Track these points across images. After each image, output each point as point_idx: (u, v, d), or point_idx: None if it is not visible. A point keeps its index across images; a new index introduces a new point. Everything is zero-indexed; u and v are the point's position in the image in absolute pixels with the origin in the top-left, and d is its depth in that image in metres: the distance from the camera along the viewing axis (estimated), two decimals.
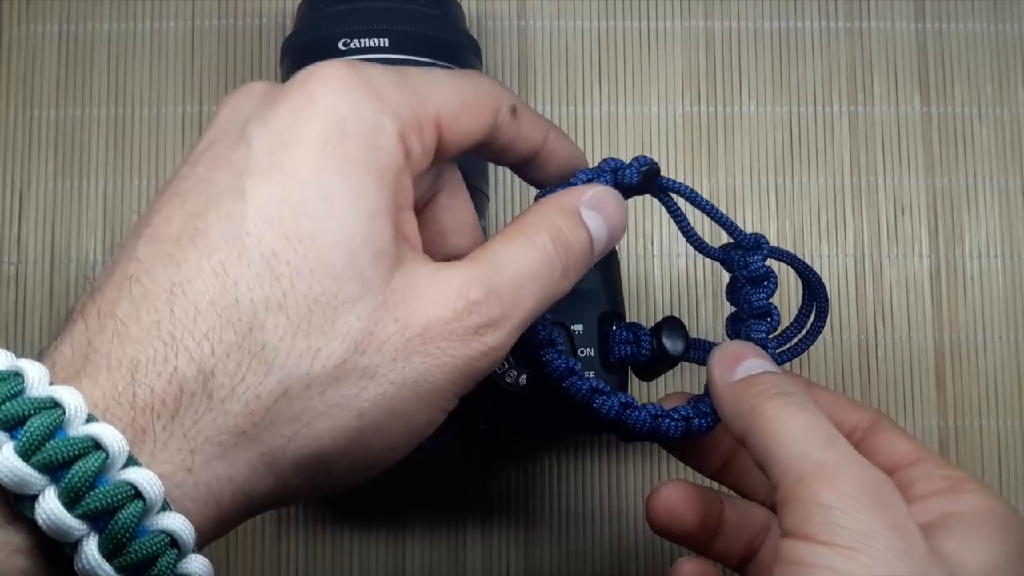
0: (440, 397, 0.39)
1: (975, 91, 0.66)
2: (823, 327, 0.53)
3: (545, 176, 0.47)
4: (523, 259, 0.40)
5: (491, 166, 0.63)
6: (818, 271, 0.63)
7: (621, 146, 0.65)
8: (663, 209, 0.63)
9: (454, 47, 0.56)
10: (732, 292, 0.51)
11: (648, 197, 0.64)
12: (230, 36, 0.66)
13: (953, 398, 0.64)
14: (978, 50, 0.67)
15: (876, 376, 0.64)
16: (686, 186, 0.50)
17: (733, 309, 0.51)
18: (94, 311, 0.35)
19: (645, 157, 0.47)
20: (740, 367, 0.45)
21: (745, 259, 0.50)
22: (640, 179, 0.47)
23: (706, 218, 0.51)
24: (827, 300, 0.52)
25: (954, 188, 0.65)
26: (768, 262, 0.50)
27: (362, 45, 0.54)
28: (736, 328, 0.50)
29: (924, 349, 0.64)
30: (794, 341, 0.53)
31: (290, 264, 0.36)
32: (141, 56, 0.65)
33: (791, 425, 0.41)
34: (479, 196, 0.56)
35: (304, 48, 0.55)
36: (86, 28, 0.66)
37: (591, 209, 0.43)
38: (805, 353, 0.56)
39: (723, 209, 0.64)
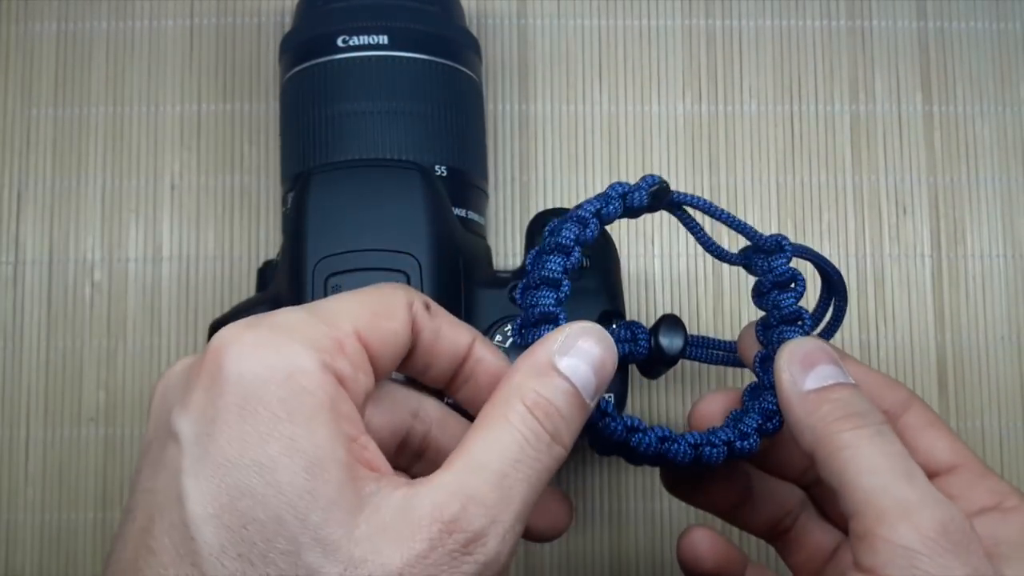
0: None
1: (977, 90, 0.66)
2: (841, 323, 0.52)
3: (477, 393, 0.44)
4: (500, 446, 0.37)
5: (491, 165, 0.63)
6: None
7: (621, 145, 0.65)
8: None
9: (454, 44, 0.56)
10: (759, 297, 0.49)
11: None
12: (228, 35, 0.66)
13: (955, 398, 0.64)
14: (980, 49, 0.67)
15: None
16: (699, 198, 0.48)
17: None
18: None
19: (653, 176, 0.46)
20: (812, 374, 0.43)
21: (768, 263, 0.48)
22: (650, 200, 0.46)
23: (717, 223, 0.50)
24: (847, 296, 0.52)
25: (956, 187, 0.65)
26: (792, 262, 0.48)
27: (361, 42, 0.54)
28: (768, 335, 0.49)
29: (926, 349, 0.64)
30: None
31: (241, 555, 0.34)
32: (139, 55, 0.65)
33: (868, 453, 0.40)
34: (479, 195, 0.56)
35: (303, 45, 0.55)
36: (84, 27, 0.65)
37: (568, 356, 0.40)
38: None
39: (723, 208, 0.64)
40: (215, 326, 0.51)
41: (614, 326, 0.51)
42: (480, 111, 0.58)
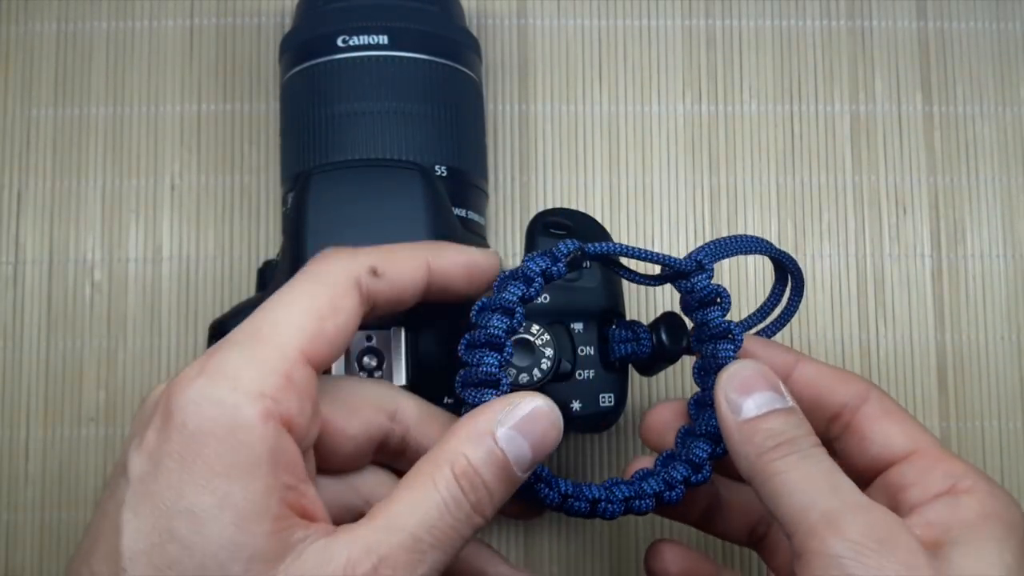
0: None
1: (977, 90, 0.66)
2: (794, 315, 0.52)
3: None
4: (420, 509, 0.39)
5: (491, 165, 0.63)
6: (820, 271, 0.63)
7: (621, 145, 0.65)
8: (662, 208, 0.63)
9: (454, 44, 0.56)
10: (688, 313, 0.50)
11: (644, 195, 0.64)
12: (228, 35, 0.66)
13: (955, 398, 0.64)
14: (980, 49, 0.67)
15: (877, 376, 0.63)
16: (610, 245, 0.47)
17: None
18: None
19: (563, 244, 0.46)
20: (748, 401, 0.44)
21: (691, 283, 0.48)
22: (568, 268, 0.46)
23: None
24: (801, 276, 0.52)
25: (956, 187, 0.65)
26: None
27: (361, 42, 0.54)
28: (701, 348, 0.49)
29: (926, 349, 0.64)
30: (768, 320, 0.52)
31: None
32: (139, 55, 0.65)
33: (796, 477, 0.42)
34: (478, 194, 0.56)
35: (303, 45, 0.55)
36: (84, 27, 0.65)
37: (507, 428, 0.41)
38: (806, 352, 0.56)
39: (723, 208, 0.64)
40: (215, 326, 0.51)
41: (615, 326, 0.51)
42: (480, 111, 0.58)
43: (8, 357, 0.63)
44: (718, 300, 0.48)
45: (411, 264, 0.44)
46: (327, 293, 0.41)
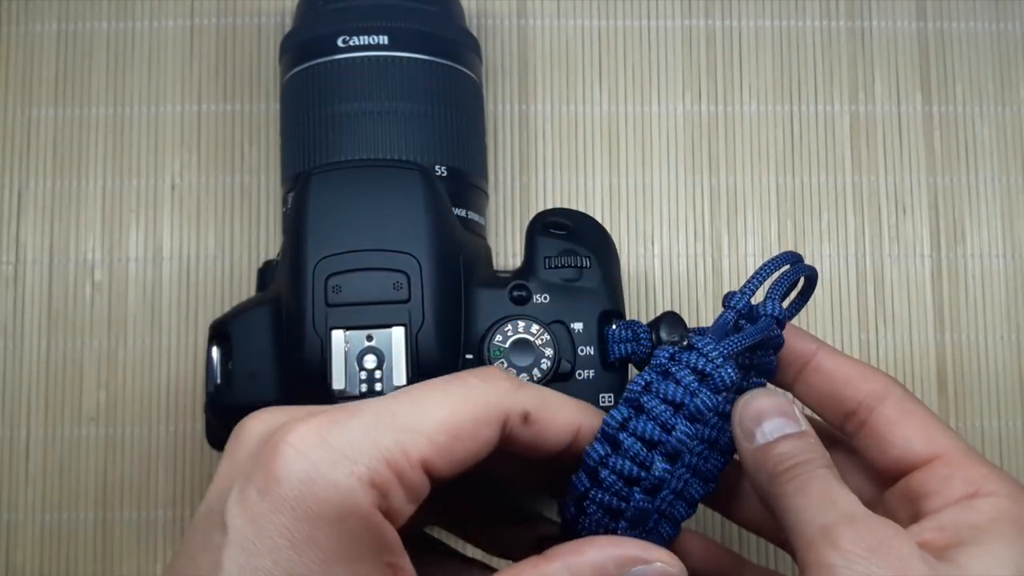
0: None
1: (977, 90, 0.66)
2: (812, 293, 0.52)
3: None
4: None
5: (491, 165, 0.63)
6: (819, 271, 0.63)
7: (621, 145, 0.65)
8: (662, 208, 0.63)
9: (454, 44, 0.56)
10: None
11: (644, 195, 0.65)
12: (229, 35, 0.66)
13: (954, 398, 0.64)
14: (980, 49, 0.67)
15: None
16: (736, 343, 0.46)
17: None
18: None
19: (725, 372, 0.44)
20: (759, 430, 0.44)
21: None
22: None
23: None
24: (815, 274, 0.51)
25: (956, 187, 0.65)
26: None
27: (361, 42, 0.54)
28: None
29: (925, 349, 0.64)
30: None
31: None
32: (140, 55, 0.65)
33: (798, 495, 0.42)
34: (478, 194, 0.56)
35: (303, 46, 0.55)
36: (84, 27, 0.65)
37: None
38: None
39: (723, 209, 0.64)
40: (216, 326, 0.51)
41: (615, 326, 0.51)
42: (480, 111, 0.58)
43: (8, 357, 0.63)
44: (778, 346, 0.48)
45: (564, 424, 0.43)
46: (473, 415, 0.40)
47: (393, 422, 0.38)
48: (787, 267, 0.48)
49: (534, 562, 0.40)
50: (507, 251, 0.64)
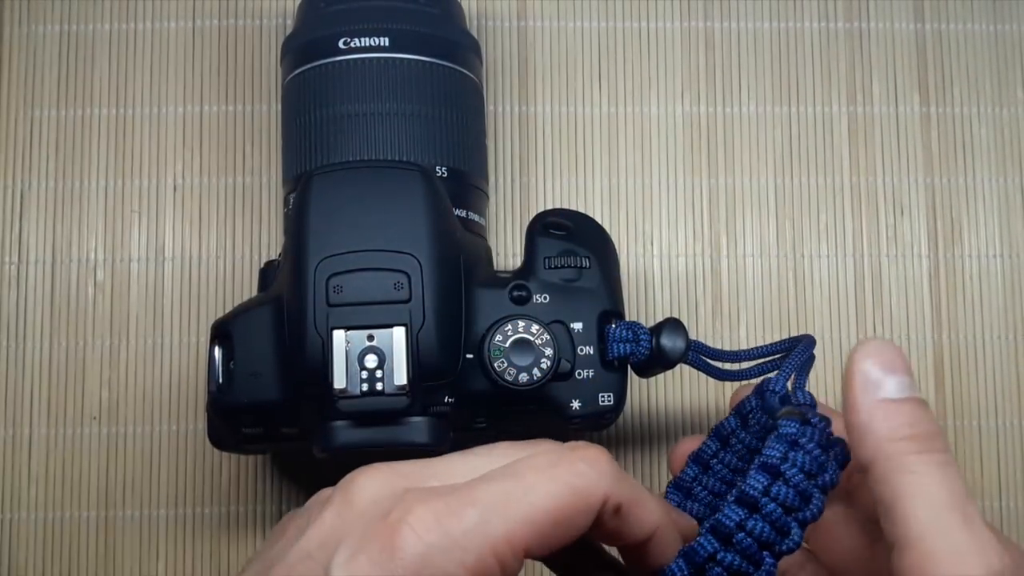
0: None
1: (974, 91, 0.66)
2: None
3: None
4: None
5: (491, 166, 0.63)
6: (817, 271, 0.64)
7: (621, 146, 0.65)
8: (661, 209, 0.64)
9: (454, 46, 0.56)
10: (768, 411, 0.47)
11: (643, 196, 0.65)
12: (231, 36, 0.66)
13: (952, 398, 0.64)
14: (977, 50, 0.67)
15: None
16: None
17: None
18: None
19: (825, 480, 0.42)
20: (889, 381, 0.41)
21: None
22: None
23: None
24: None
25: (953, 188, 0.66)
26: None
27: (362, 44, 0.54)
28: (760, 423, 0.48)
29: (923, 349, 0.64)
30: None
31: None
32: (142, 56, 0.66)
33: (930, 484, 0.39)
34: (479, 195, 0.56)
35: (304, 47, 0.56)
36: (87, 28, 0.66)
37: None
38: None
39: (722, 209, 0.65)
40: (217, 326, 0.52)
41: (614, 326, 0.52)
42: (480, 112, 0.58)
43: (11, 356, 0.63)
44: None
45: (649, 523, 0.42)
46: (576, 505, 0.39)
47: (505, 513, 0.38)
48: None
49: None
50: (507, 251, 0.64)
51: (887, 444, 0.40)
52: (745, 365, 0.53)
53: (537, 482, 0.39)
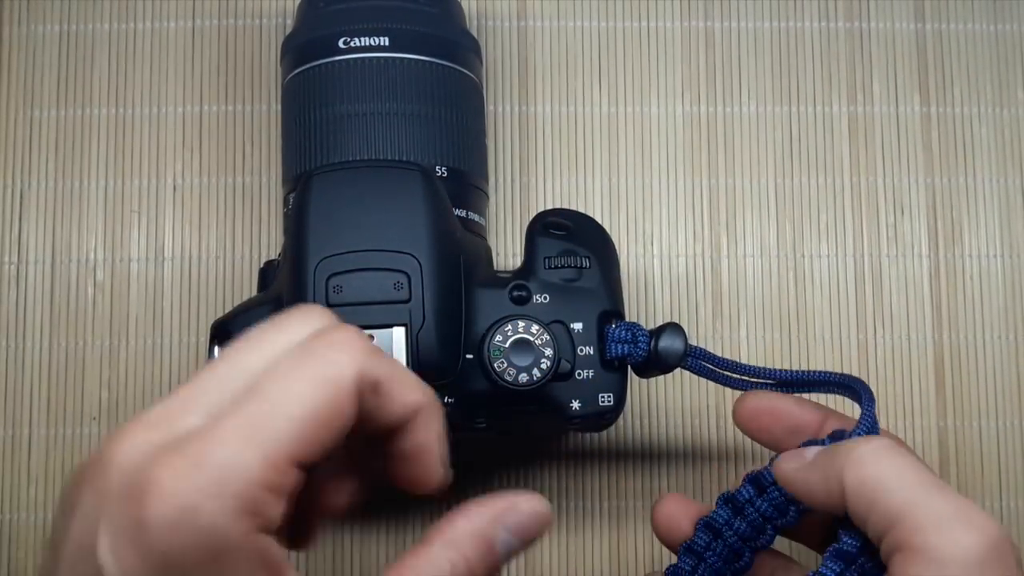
0: None
1: (975, 91, 0.66)
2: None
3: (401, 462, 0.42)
4: None
5: (491, 166, 0.63)
6: (817, 271, 0.63)
7: (621, 146, 0.65)
8: (661, 209, 0.64)
9: (454, 46, 0.56)
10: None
11: (643, 196, 0.65)
12: (231, 36, 0.66)
13: (952, 398, 0.64)
14: (978, 50, 0.67)
15: (875, 377, 0.64)
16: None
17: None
18: None
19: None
20: (807, 452, 0.46)
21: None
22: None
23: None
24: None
25: (953, 188, 0.65)
26: None
27: (362, 43, 0.54)
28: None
29: (923, 349, 0.64)
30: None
31: None
32: (142, 56, 0.66)
33: (891, 467, 0.42)
34: (479, 195, 0.56)
35: (304, 47, 0.56)
36: (87, 28, 0.66)
37: (510, 534, 0.40)
38: (804, 355, 0.57)
39: (722, 209, 0.65)
40: (217, 326, 0.52)
41: (614, 326, 0.52)
42: (480, 112, 0.58)
43: (11, 356, 0.63)
44: None
45: (411, 402, 0.40)
46: (335, 395, 0.37)
47: (257, 440, 0.35)
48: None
49: (415, 551, 0.39)
50: (507, 251, 0.64)
51: (839, 468, 0.43)
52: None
53: (284, 392, 0.36)
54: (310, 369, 0.37)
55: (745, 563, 0.50)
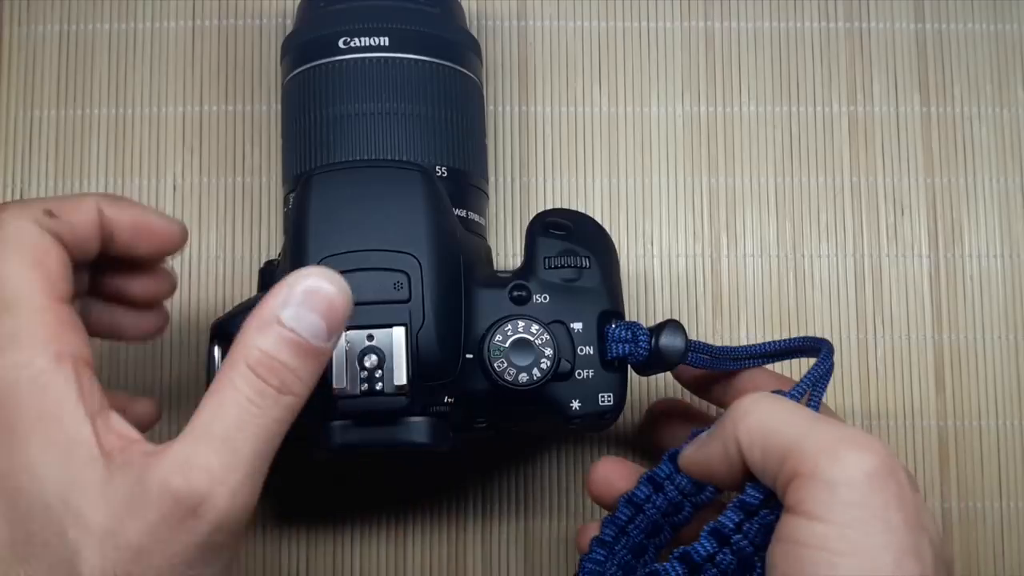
0: None
1: (974, 91, 0.66)
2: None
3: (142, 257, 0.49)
4: (224, 411, 0.40)
5: (491, 166, 0.63)
6: (817, 271, 0.64)
7: (621, 147, 0.65)
8: (661, 209, 0.64)
9: (454, 46, 0.56)
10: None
11: (643, 196, 0.65)
12: (230, 36, 0.66)
13: (952, 398, 0.64)
14: (977, 50, 0.67)
15: (875, 376, 0.64)
16: None
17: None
18: None
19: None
20: (702, 434, 0.48)
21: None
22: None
23: None
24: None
25: (953, 188, 0.65)
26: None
27: (362, 43, 0.54)
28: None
29: (923, 349, 0.64)
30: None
31: (22, 542, 0.39)
32: (141, 56, 0.66)
33: (774, 410, 0.44)
34: (479, 195, 0.56)
35: (304, 47, 0.56)
36: (86, 28, 0.66)
37: (291, 307, 0.41)
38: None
39: (722, 209, 0.65)
40: (217, 326, 0.52)
41: (614, 326, 0.52)
42: (480, 112, 0.58)
43: None
44: None
45: (83, 206, 0.46)
46: (22, 242, 0.43)
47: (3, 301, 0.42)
48: None
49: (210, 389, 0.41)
50: (507, 251, 0.64)
51: (730, 428, 0.45)
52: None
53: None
54: (15, 248, 0.42)
55: (685, 516, 0.51)
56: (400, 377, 0.47)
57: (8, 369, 0.40)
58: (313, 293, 0.41)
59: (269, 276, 0.55)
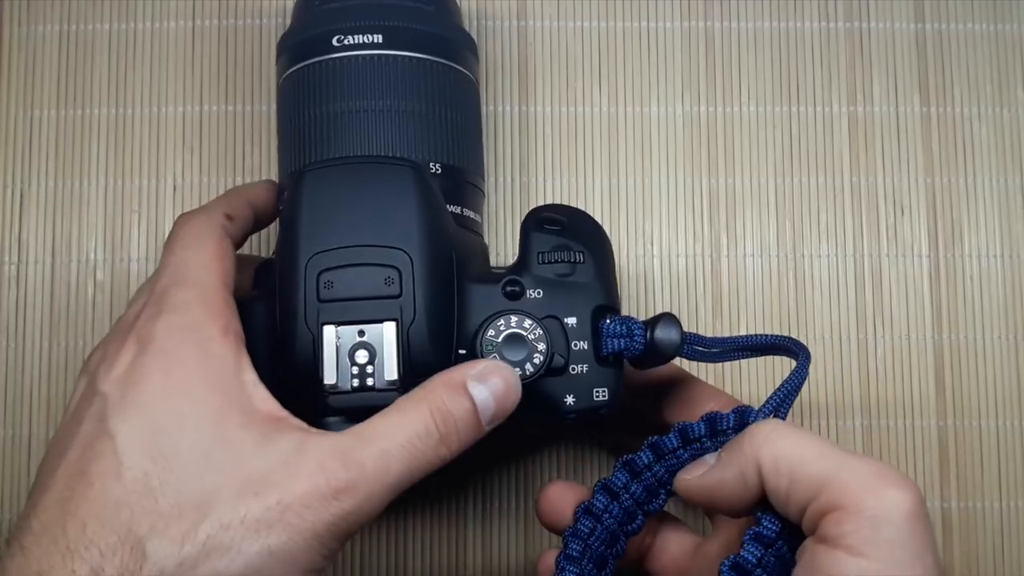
0: (306, 560, 0.43)
1: (974, 91, 0.66)
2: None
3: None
4: (394, 429, 0.45)
5: (490, 166, 0.63)
6: (817, 271, 0.63)
7: (620, 147, 0.65)
8: (661, 209, 0.64)
9: (448, 43, 0.56)
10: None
11: (643, 196, 0.65)
12: (230, 36, 0.66)
13: (952, 398, 0.64)
14: (977, 50, 0.67)
15: (875, 376, 0.64)
16: None
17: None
18: (9, 545, 0.43)
19: None
20: (707, 458, 0.48)
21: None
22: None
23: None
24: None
25: (953, 188, 0.65)
26: None
27: (356, 41, 0.54)
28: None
29: (923, 349, 0.64)
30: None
31: (159, 477, 0.43)
32: (141, 56, 0.66)
33: (801, 440, 0.44)
34: (474, 191, 0.56)
35: (299, 45, 0.56)
36: (87, 28, 0.66)
37: (479, 382, 0.46)
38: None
39: (722, 209, 0.65)
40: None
41: (608, 321, 0.51)
42: (476, 109, 0.58)
43: (11, 356, 0.63)
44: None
45: (246, 204, 0.54)
46: (208, 240, 0.50)
47: (187, 281, 0.49)
48: None
49: (385, 413, 0.46)
50: (507, 251, 0.64)
51: (749, 454, 0.45)
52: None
53: (185, 250, 0.50)
54: (191, 240, 0.50)
55: (638, 525, 0.52)
56: (391, 372, 0.47)
57: (181, 330, 0.46)
58: (498, 383, 0.47)
59: (266, 275, 0.55)
